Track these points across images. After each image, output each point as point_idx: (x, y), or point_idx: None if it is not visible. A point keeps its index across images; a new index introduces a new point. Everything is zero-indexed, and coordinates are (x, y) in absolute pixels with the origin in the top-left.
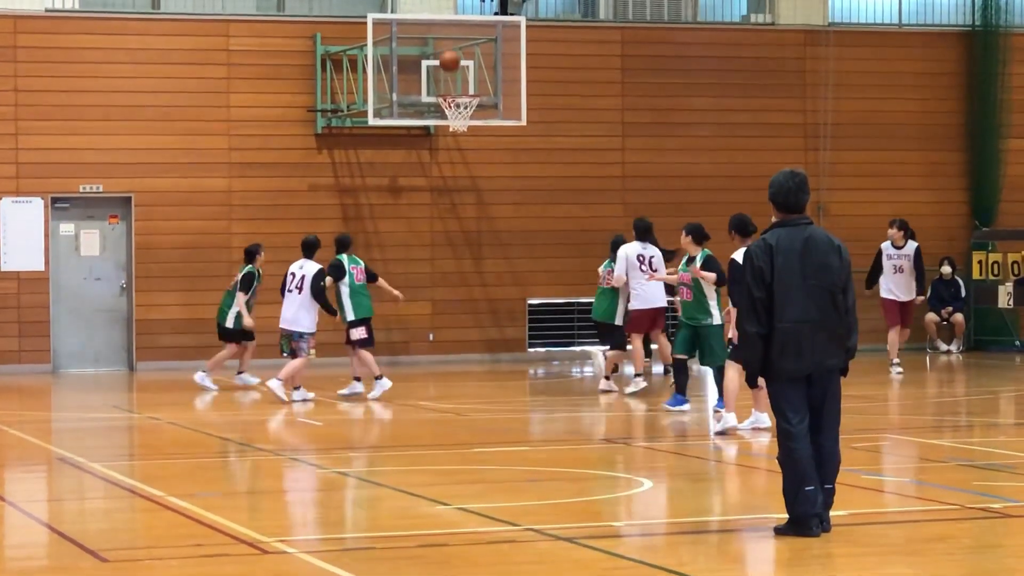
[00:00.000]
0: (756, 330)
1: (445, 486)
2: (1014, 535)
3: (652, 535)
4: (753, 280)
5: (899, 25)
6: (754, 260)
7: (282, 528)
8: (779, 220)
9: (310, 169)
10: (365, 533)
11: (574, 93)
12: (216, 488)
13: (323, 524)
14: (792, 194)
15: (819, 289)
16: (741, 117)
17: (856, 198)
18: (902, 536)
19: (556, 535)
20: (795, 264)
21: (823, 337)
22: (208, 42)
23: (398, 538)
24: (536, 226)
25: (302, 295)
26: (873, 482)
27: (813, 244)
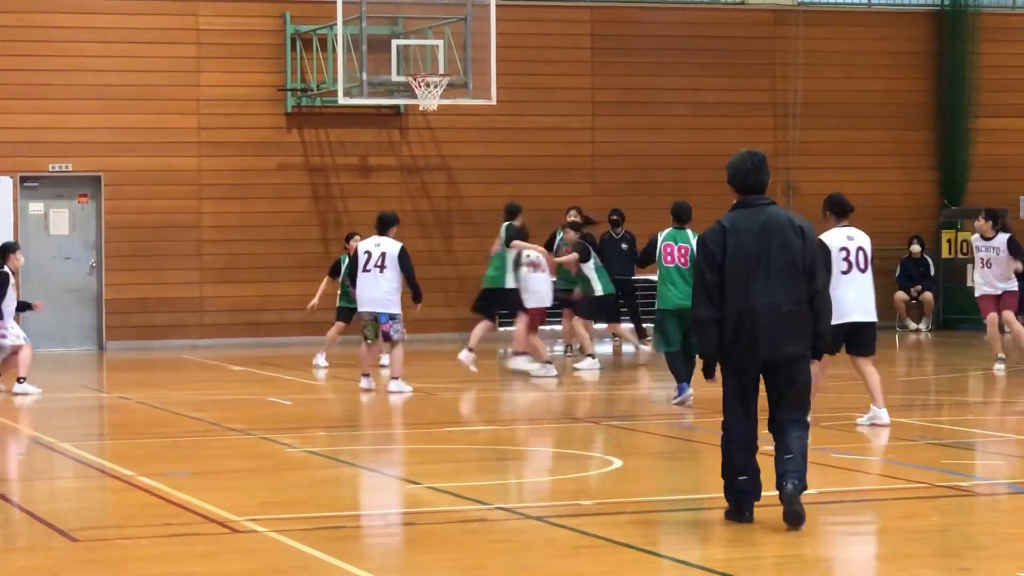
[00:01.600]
0: (709, 315)
1: (415, 465)
2: (982, 513)
3: (622, 514)
4: (705, 263)
5: (868, 4)
6: (706, 243)
7: (252, 507)
8: (737, 202)
9: (280, 148)
10: (335, 512)
11: (544, 72)
12: (186, 467)
13: (293, 503)
14: (751, 175)
15: (778, 271)
16: (711, 96)
17: (826, 177)
18: (872, 514)
19: (526, 514)
20: (751, 246)
21: (781, 322)
22: (177, 21)
23: (368, 517)
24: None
25: (385, 273)
26: (842, 461)
27: (772, 225)
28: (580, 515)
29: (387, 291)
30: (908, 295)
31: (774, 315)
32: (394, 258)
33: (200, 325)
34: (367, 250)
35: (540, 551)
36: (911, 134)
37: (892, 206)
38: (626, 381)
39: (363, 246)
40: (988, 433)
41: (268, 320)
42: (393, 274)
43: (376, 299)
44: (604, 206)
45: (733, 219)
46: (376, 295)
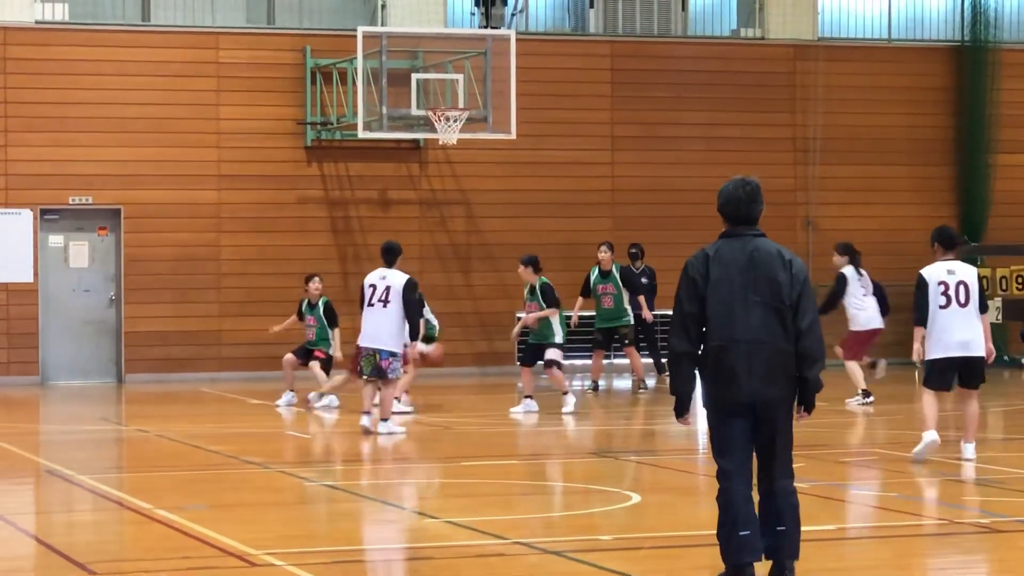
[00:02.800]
0: (684, 348)
1: (434, 499)
2: (1003, 550)
3: (640, 549)
4: (685, 293)
5: (888, 40)
6: (688, 271)
7: (270, 541)
8: (726, 231)
9: (299, 182)
10: (353, 546)
11: (564, 107)
12: (204, 501)
13: (311, 537)
14: (743, 204)
15: (763, 307)
16: (730, 131)
17: (845, 212)
18: (891, 551)
19: (545, 548)
20: (735, 277)
21: (763, 361)
22: (198, 54)
23: (386, 551)
24: (525, 239)
25: (388, 309)
26: (863, 497)
27: (759, 256)
28: (598, 550)
29: (389, 328)
30: None
31: (755, 352)
32: (399, 292)
33: (219, 358)
34: (372, 283)
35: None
36: (931, 169)
37: (911, 241)
38: (645, 416)
39: (369, 279)
40: (1009, 470)
41: None
42: (397, 309)
43: (378, 335)
44: (624, 240)
45: (719, 248)
46: (378, 331)
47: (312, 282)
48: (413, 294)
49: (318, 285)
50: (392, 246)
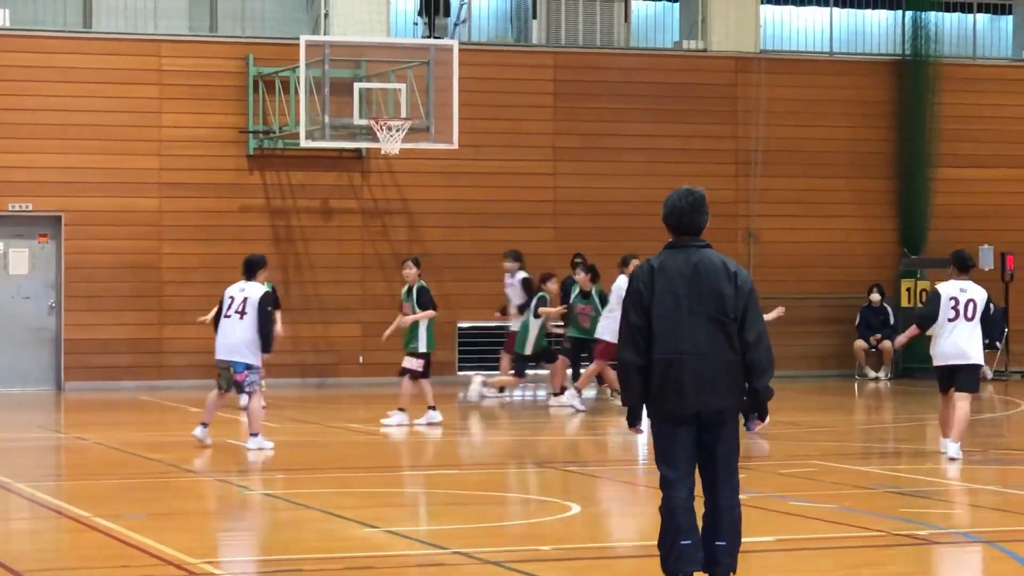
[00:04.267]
0: (633, 360)
1: (373, 508)
2: (939, 562)
3: (581, 559)
4: (632, 305)
5: (830, 53)
6: (633, 283)
7: (209, 550)
8: (671, 242)
9: (241, 190)
10: (292, 555)
11: (506, 117)
12: (143, 509)
13: (251, 546)
14: (686, 214)
15: (708, 318)
16: (672, 143)
17: (786, 224)
18: (830, 562)
19: (484, 559)
20: (680, 289)
21: (710, 373)
22: (140, 62)
23: (325, 560)
24: (467, 249)
25: (244, 320)
26: (801, 508)
27: (704, 268)
28: (538, 560)
29: (244, 339)
30: (868, 344)
31: (702, 364)
32: (255, 304)
33: (159, 366)
34: (231, 295)
35: None
36: (871, 183)
37: (852, 255)
38: (590, 427)
39: (229, 291)
40: (945, 482)
41: None
42: (252, 321)
43: (234, 347)
44: (565, 251)
45: (664, 259)
46: (233, 343)
47: None
48: (268, 306)
49: None
50: (253, 259)
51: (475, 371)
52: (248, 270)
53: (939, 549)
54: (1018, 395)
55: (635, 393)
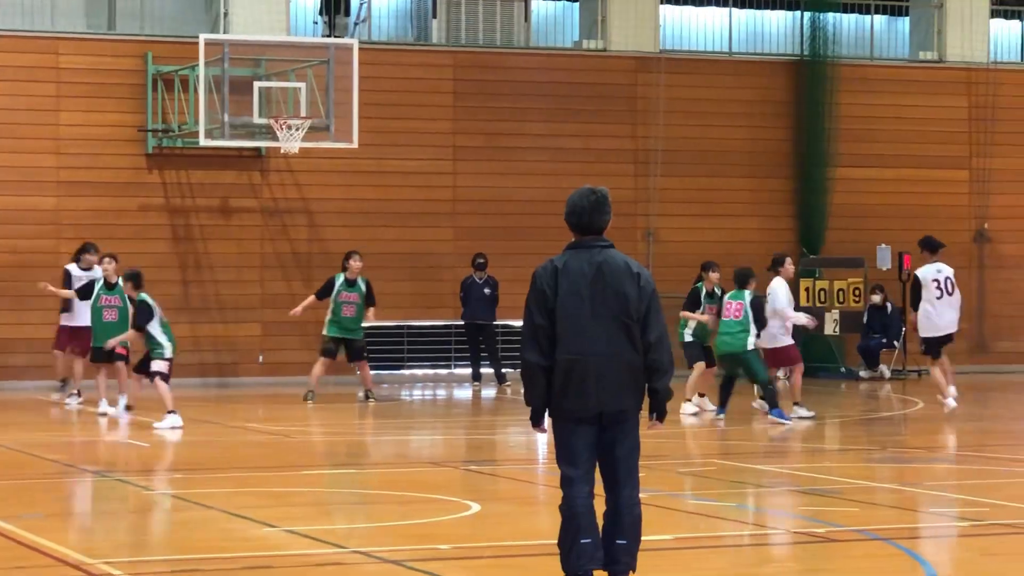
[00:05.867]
0: (536, 361)
1: (273, 508)
2: (837, 559)
3: (480, 558)
4: (536, 306)
5: (729, 53)
6: (536, 283)
7: (108, 550)
8: (573, 242)
9: (140, 189)
10: (191, 555)
11: (406, 116)
12: (40, 509)
13: (149, 546)
14: (587, 213)
15: (611, 320)
16: (573, 142)
17: (685, 224)
18: (728, 561)
19: (383, 558)
20: (583, 290)
21: (613, 374)
22: (37, 59)
23: (224, 560)
24: (368, 248)
25: None
26: (700, 507)
27: (607, 269)
28: (438, 559)
29: None
30: None
31: (606, 365)
32: None
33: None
34: None
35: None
36: (770, 182)
37: (751, 254)
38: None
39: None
40: (843, 480)
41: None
42: None
43: None
44: (465, 251)
45: (567, 260)
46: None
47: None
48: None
49: None
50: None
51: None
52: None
53: (837, 546)
54: (915, 393)
55: (538, 393)
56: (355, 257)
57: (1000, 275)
